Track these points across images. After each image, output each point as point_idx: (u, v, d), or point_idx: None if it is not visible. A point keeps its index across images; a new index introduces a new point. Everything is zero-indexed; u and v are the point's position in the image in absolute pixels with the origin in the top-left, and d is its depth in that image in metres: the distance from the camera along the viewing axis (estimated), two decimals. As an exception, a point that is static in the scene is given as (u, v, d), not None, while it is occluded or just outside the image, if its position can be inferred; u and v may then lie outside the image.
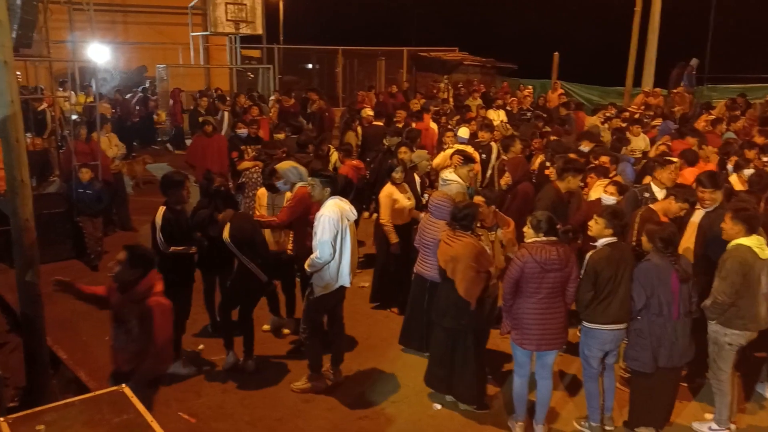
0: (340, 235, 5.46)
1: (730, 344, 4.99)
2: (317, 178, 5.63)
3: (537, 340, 4.86)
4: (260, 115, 12.22)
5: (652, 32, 19.19)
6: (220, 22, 17.74)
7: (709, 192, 5.64)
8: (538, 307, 4.81)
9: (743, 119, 12.73)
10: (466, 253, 5.10)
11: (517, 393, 5.13)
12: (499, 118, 13.08)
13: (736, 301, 4.86)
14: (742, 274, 4.81)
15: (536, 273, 4.73)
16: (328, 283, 5.54)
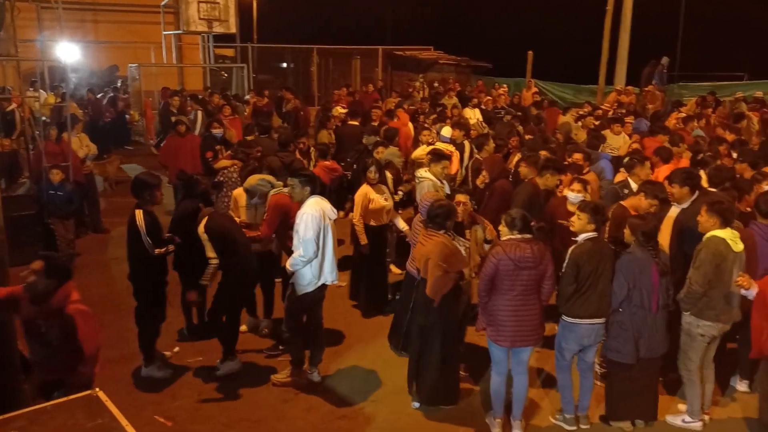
0: (322, 233, 5.48)
1: (702, 335, 5.08)
2: (296, 178, 5.62)
3: (511, 336, 4.90)
4: (233, 114, 12.11)
5: (624, 31, 19.44)
6: (193, 21, 17.57)
7: (676, 188, 5.73)
8: (513, 304, 4.85)
9: (714, 116, 12.96)
10: (435, 252, 5.11)
11: (494, 390, 5.15)
12: (475, 116, 13.15)
13: (708, 292, 4.95)
14: (714, 264, 4.90)
15: (510, 270, 4.77)
16: (310, 281, 5.55)
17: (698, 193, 5.77)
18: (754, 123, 12.01)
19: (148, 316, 5.88)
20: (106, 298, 7.68)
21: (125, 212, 5.94)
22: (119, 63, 20.12)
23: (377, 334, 6.87)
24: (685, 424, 5.26)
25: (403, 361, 6.00)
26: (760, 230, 5.43)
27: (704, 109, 13.91)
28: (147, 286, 5.79)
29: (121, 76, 20.00)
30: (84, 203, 9.73)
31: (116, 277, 8.19)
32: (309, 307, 5.79)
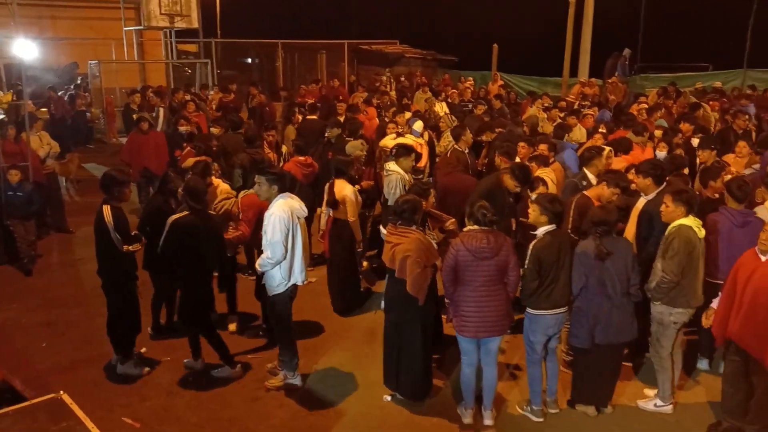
0: (291, 234, 5.39)
1: (675, 323, 5.18)
2: (263, 176, 5.49)
3: (475, 327, 4.94)
4: (196, 111, 11.96)
5: (587, 24, 19.71)
6: (154, 16, 17.26)
7: (640, 178, 5.82)
8: (476, 295, 4.89)
9: (675, 107, 13.22)
10: (413, 249, 5.08)
11: (464, 381, 5.19)
12: (442, 110, 13.19)
13: (681, 280, 5.03)
14: (687, 252, 4.98)
15: (470, 261, 4.82)
16: (280, 282, 5.47)
17: (665, 184, 5.86)
18: (708, 112, 12.28)
19: (123, 311, 5.79)
20: (73, 298, 7.53)
21: (90, 212, 5.83)
22: (79, 60, 19.66)
23: (348, 330, 6.88)
24: (657, 408, 5.37)
25: (373, 356, 6.02)
26: (731, 215, 5.52)
27: (666, 100, 14.18)
28: (118, 281, 5.71)
29: (81, 74, 19.55)
30: (46, 203, 9.50)
31: (83, 278, 8.03)
32: (289, 303, 5.69)
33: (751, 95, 15.22)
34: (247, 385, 5.77)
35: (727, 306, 4.81)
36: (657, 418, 5.29)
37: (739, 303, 4.67)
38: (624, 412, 5.37)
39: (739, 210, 5.52)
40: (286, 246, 5.32)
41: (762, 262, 4.58)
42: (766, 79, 18.21)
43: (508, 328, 5.10)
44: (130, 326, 5.92)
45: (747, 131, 10.01)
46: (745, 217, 5.47)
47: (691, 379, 5.86)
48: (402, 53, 22.98)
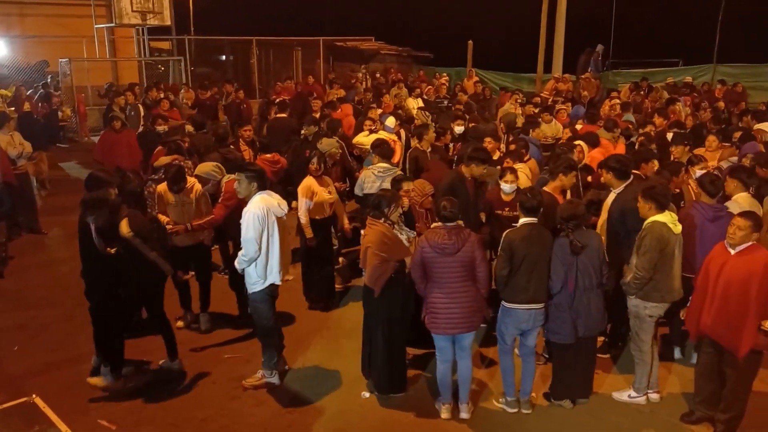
0: (267, 232, 5.34)
1: (651, 316, 5.25)
2: (243, 173, 5.47)
3: (443, 323, 4.98)
4: (171, 108, 11.84)
5: (560, 20, 19.88)
6: (126, 13, 17.06)
7: (604, 173, 5.91)
8: (444, 292, 4.93)
9: (647, 102, 13.41)
10: (373, 240, 5.13)
11: (440, 376, 5.22)
12: (417, 106, 13.22)
13: (654, 275, 5.10)
14: (659, 249, 5.05)
15: (434, 257, 4.87)
16: (256, 281, 5.44)
17: (632, 177, 5.94)
18: (680, 107, 12.47)
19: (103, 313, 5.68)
20: (47, 300, 7.41)
21: (62, 212, 5.74)
22: (49, 58, 19.32)
23: (325, 327, 6.87)
24: (631, 399, 5.45)
25: (351, 352, 6.02)
26: (703, 210, 5.60)
27: (636, 96, 14.38)
28: (101, 283, 5.58)
29: (52, 72, 19.21)
30: (17, 204, 9.32)
31: (58, 279, 7.90)
32: (271, 301, 5.64)
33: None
34: (225, 385, 5.74)
35: (700, 300, 4.89)
36: (632, 409, 5.37)
37: (711, 296, 4.75)
38: (600, 403, 5.44)
39: (711, 204, 5.61)
40: (259, 244, 5.28)
41: (731, 256, 4.67)
42: (735, 73, 18.56)
43: (480, 324, 5.11)
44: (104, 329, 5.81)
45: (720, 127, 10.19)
46: (716, 212, 5.54)
47: (666, 369, 5.95)
48: (377, 50, 22.96)
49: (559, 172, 5.97)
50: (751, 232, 4.62)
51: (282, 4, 29.36)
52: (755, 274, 4.52)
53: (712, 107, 11.65)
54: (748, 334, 4.57)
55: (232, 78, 18.30)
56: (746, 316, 4.56)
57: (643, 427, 5.17)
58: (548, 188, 5.98)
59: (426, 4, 28.59)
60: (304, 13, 29.27)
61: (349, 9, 29.40)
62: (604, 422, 5.21)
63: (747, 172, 6.25)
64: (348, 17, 28.40)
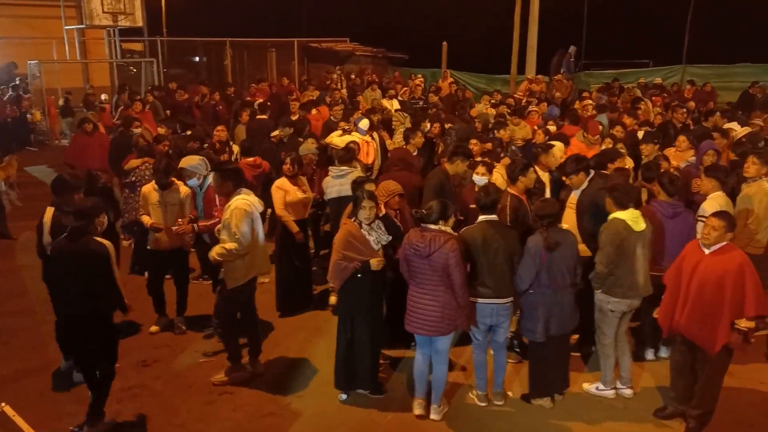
0: (254, 226, 5.50)
1: (613, 311, 5.36)
2: (218, 172, 5.61)
3: (415, 322, 5.02)
4: (143, 110, 11.71)
5: (533, 22, 20.07)
6: (96, 15, 16.82)
7: (574, 176, 6.00)
8: (416, 292, 4.99)
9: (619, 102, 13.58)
10: (339, 238, 5.19)
11: (415, 370, 5.26)
12: (393, 107, 13.23)
13: (614, 271, 5.21)
14: (615, 245, 5.16)
15: (411, 257, 4.93)
16: (243, 274, 5.53)
17: (593, 173, 6.05)
18: (649, 108, 12.68)
19: None
20: (17, 306, 7.28)
21: (32, 216, 5.66)
22: (18, 60, 18.96)
23: (302, 329, 6.84)
24: (598, 392, 5.56)
25: (328, 353, 6.01)
26: (661, 207, 5.74)
27: (610, 96, 14.56)
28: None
29: (21, 74, 18.86)
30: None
31: (27, 284, 7.76)
32: (242, 300, 5.71)
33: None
34: (201, 389, 5.68)
35: (673, 298, 4.97)
36: (606, 405, 5.45)
37: (685, 295, 4.83)
38: (575, 400, 5.51)
39: (669, 202, 5.75)
40: (248, 239, 5.40)
41: (705, 255, 4.75)
42: (704, 74, 18.89)
43: (452, 330, 5.06)
44: None
45: (685, 125, 10.37)
46: (674, 209, 5.71)
47: (638, 366, 6.04)
48: (352, 51, 22.95)
49: (518, 174, 6.04)
50: (725, 231, 4.70)
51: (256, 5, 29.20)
52: (729, 274, 4.59)
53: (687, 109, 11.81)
54: (722, 333, 4.65)
55: (205, 79, 18.14)
56: (720, 314, 4.64)
57: (617, 421, 5.24)
58: (513, 191, 6.04)
59: (401, 5, 28.67)
60: (279, 14, 29.15)
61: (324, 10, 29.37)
62: (579, 417, 5.27)
63: (724, 171, 6.37)
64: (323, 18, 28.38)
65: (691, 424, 5.00)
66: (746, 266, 4.61)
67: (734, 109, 13.53)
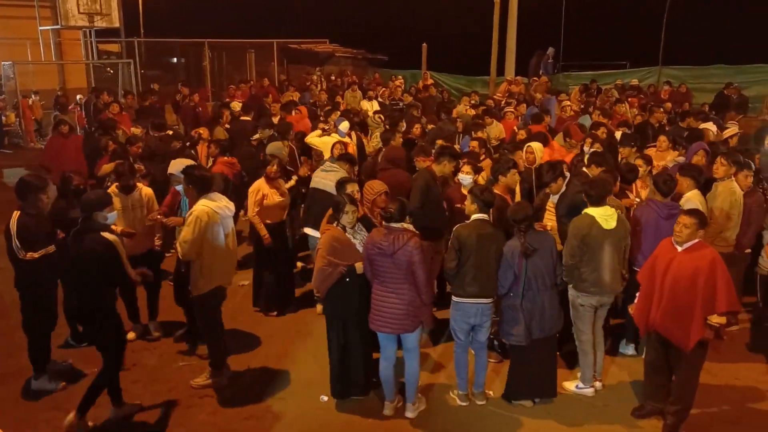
0: (211, 234, 5.32)
1: (582, 305, 5.44)
2: (186, 176, 5.55)
3: (379, 320, 5.03)
4: (120, 111, 11.59)
5: (511, 23, 20.21)
6: (72, 15, 16.58)
7: (554, 184, 6.06)
8: (381, 290, 4.99)
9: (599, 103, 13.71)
10: (324, 244, 5.15)
11: (381, 374, 5.25)
12: (372, 108, 13.23)
13: (579, 266, 5.30)
14: (578, 238, 5.27)
15: (375, 255, 4.93)
16: (204, 284, 5.41)
17: (569, 176, 6.15)
18: (627, 109, 12.83)
19: (34, 322, 5.54)
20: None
21: (3, 219, 5.55)
22: (-9, 61, 18.66)
23: (282, 331, 6.81)
24: (579, 390, 5.61)
25: (309, 356, 6.01)
26: (657, 208, 5.78)
27: (588, 97, 14.71)
28: (31, 290, 5.46)
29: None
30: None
31: (1, 289, 7.61)
32: (215, 304, 5.64)
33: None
34: (180, 393, 5.63)
35: (647, 296, 5.03)
36: (585, 404, 5.49)
37: (660, 293, 4.90)
38: (554, 399, 5.53)
39: (665, 203, 5.80)
40: (195, 248, 5.28)
41: (678, 252, 4.83)
42: (680, 75, 19.14)
43: (416, 327, 5.07)
44: (40, 336, 5.65)
45: (662, 125, 10.50)
46: (670, 210, 5.72)
47: (617, 364, 6.10)
48: (332, 52, 22.94)
49: (500, 173, 6.09)
50: (697, 229, 4.78)
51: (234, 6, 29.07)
52: (702, 270, 4.67)
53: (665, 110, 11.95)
54: (696, 329, 4.72)
55: (184, 81, 17.98)
56: (693, 311, 4.71)
57: (596, 420, 5.28)
58: (496, 190, 6.08)
59: (380, 6, 28.72)
60: (258, 15, 29.04)
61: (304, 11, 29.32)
62: (558, 417, 5.31)
63: (698, 170, 6.46)
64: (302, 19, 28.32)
65: (668, 421, 5.06)
66: (717, 263, 4.70)
67: (710, 109, 13.75)
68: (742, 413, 5.39)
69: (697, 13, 25.48)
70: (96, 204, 5.01)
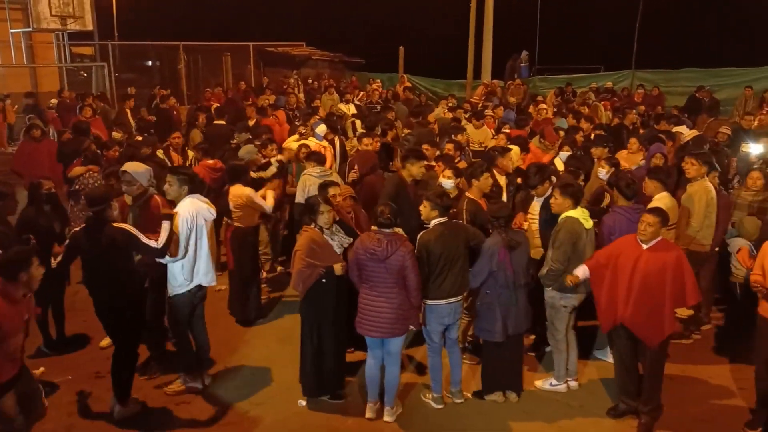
0: (195, 234, 5.38)
1: (565, 306, 5.50)
2: (174, 176, 5.51)
3: (368, 325, 5.03)
4: (93, 116, 11.44)
5: (487, 28, 20.36)
6: (44, 18, 16.32)
7: (540, 187, 6.05)
8: (370, 295, 4.99)
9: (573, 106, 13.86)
10: (302, 245, 5.15)
11: (367, 373, 5.27)
12: (349, 111, 13.23)
13: (567, 268, 5.33)
14: (572, 243, 5.30)
15: (366, 261, 4.93)
16: (182, 283, 5.41)
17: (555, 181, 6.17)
18: (602, 111, 13.00)
19: None
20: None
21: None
22: (-41, 64, 18.29)
23: (259, 335, 6.79)
24: (552, 387, 5.69)
25: (286, 360, 5.98)
26: (625, 212, 5.81)
27: (563, 101, 14.87)
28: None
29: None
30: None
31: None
32: (190, 308, 5.59)
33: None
34: (155, 400, 5.56)
35: (612, 294, 5.12)
36: (562, 404, 5.55)
37: (628, 289, 4.99)
38: (530, 399, 5.60)
39: (631, 206, 5.88)
40: (186, 246, 5.30)
41: (644, 250, 4.96)
42: (652, 79, 19.43)
43: (405, 331, 5.12)
44: None
45: (635, 127, 10.65)
46: (638, 212, 5.73)
47: (592, 365, 6.17)
48: (309, 55, 22.88)
49: (473, 177, 6.13)
50: (660, 227, 4.94)
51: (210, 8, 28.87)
52: (669, 266, 4.83)
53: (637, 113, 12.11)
54: (667, 323, 4.87)
55: (158, 84, 17.83)
56: (663, 305, 4.85)
57: (573, 420, 5.34)
58: (470, 194, 6.11)
59: (357, 10, 28.73)
60: (234, 18, 28.89)
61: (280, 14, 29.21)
62: (535, 416, 5.36)
63: (665, 172, 6.57)
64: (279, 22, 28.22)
65: (643, 419, 5.14)
66: (682, 259, 4.91)
67: (681, 112, 13.97)
68: (714, 411, 5.48)
69: (670, 18, 25.94)
70: (104, 198, 5.06)
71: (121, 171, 5.86)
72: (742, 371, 5.83)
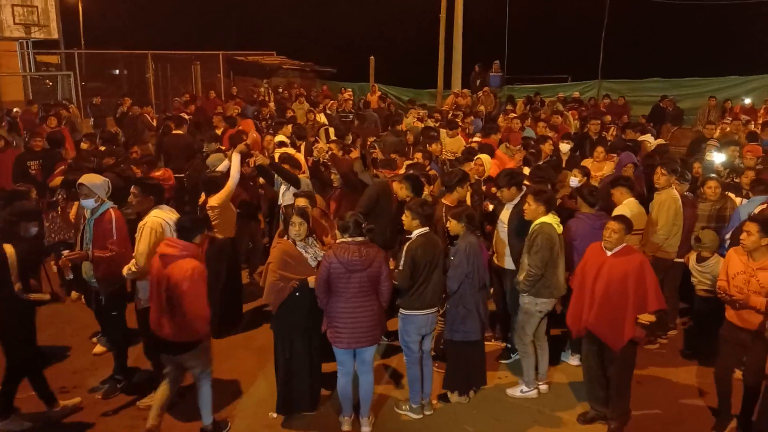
0: None
1: (540, 311, 5.56)
2: (138, 187, 5.51)
3: (347, 337, 4.99)
4: (59, 125, 11.24)
5: (457, 38, 20.53)
6: (7, 26, 16.03)
7: (504, 190, 6.03)
8: (348, 306, 4.93)
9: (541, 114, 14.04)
10: (274, 258, 5.11)
11: (341, 390, 5.22)
12: (321, 120, 13.22)
13: (545, 273, 5.41)
14: (549, 247, 5.37)
15: (342, 273, 4.86)
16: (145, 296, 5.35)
17: (525, 189, 6.19)
18: (571, 120, 13.20)
19: None
20: None
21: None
22: None
23: (232, 347, 6.71)
24: (523, 394, 5.75)
25: (258, 372, 5.94)
26: (589, 220, 5.95)
27: (532, 110, 15.06)
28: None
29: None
30: None
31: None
32: None
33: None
34: (125, 414, 5.50)
35: (579, 300, 5.22)
36: (533, 410, 5.59)
37: (591, 296, 5.09)
38: (502, 406, 5.64)
39: (594, 213, 6.00)
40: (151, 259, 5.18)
41: (608, 257, 5.05)
42: (618, 89, 19.77)
43: (381, 337, 5.20)
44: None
45: (601, 136, 10.83)
46: (600, 219, 5.89)
47: (562, 371, 6.24)
48: (279, 64, 22.79)
49: (455, 185, 6.17)
50: (624, 234, 5.04)
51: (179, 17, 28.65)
52: (632, 272, 4.91)
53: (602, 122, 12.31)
54: (629, 328, 4.94)
55: (126, 93, 17.59)
56: (626, 311, 4.93)
57: (543, 427, 5.39)
58: (446, 201, 6.15)
59: (328, 19, 28.78)
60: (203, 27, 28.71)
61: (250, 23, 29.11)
62: (507, 423, 5.41)
63: (628, 179, 6.70)
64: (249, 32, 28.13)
65: (612, 425, 5.21)
66: (645, 265, 4.98)
67: (647, 121, 14.26)
68: (682, 413, 5.58)
69: (634, 29, 26.50)
70: (24, 214, 5.06)
71: (78, 184, 5.64)
72: (708, 374, 5.94)
